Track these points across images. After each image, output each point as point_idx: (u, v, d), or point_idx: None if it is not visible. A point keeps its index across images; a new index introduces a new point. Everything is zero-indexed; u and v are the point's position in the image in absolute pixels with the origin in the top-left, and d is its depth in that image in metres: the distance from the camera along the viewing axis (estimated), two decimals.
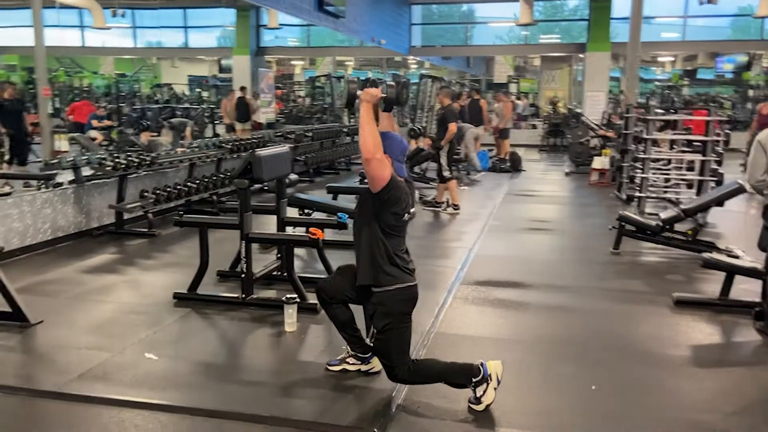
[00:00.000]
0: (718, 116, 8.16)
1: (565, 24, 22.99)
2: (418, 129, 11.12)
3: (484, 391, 3.24)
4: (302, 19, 12.53)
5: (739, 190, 6.17)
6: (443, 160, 8.71)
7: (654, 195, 8.95)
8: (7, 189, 8.22)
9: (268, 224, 6.28)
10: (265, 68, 17.81)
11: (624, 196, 9.31)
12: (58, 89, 18.09)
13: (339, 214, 5.25)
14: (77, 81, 20.19)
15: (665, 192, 8.95)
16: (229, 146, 9.10)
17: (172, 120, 13.31)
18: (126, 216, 7.19)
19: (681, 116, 9.24)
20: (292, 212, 7.04)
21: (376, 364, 3.62)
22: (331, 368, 3.69)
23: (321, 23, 13.04)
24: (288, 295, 4.34)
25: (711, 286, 5.17)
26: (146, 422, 3.14)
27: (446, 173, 8.68)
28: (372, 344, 3.38)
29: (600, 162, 11.48)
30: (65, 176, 7.21)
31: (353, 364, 3.66)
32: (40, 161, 9.80)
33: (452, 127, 8.61)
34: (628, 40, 10.85)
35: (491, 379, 3.24)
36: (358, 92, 3.23)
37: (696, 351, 4.19)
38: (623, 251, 6.51)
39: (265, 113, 12.39)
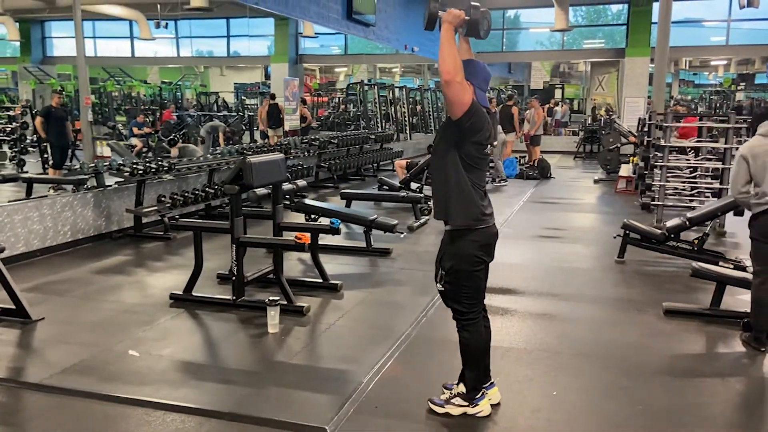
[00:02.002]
0: (737, 124, 7.95)
1: (608, 29, 22.64)
2: None
3: (458, 405, 3.28)
4: (330, 28, 12.74)
5: None
6: None
7: (677, 204, 8.78)
8: (52, 193, 8.70)
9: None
10: (293, 76, 18.11)
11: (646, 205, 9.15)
12: (106, 98, 18.83)
13: (332, 219, 5.38)
14: (126, 90, 20.96)
15: (690, 201, 8.77)
16: (250, 153, 9.35)
17: (205, 126, 13.72)
18: (145, 220, 7.50)
19: (690, 124, 9.04)
20: (299, 217, 7.27)
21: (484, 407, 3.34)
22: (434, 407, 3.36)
23: (350, 32, 13.24)
24: (270, 298, 4.49)
25: (709, 296, 5.06)
26: (115, 413, 3.33)
27: None
28: (442, 289, 3.22)
29: (626, 169, 11.30)
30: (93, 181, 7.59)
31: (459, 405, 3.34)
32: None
33: None
34: (656, 45, 10.66)
35: (473, 406, 3.27)
36: (440, 12, 3.03)
37: (674, 361, 4.15)
38: (629, 260, 6.44)
39: (289, 121, 12.62)
